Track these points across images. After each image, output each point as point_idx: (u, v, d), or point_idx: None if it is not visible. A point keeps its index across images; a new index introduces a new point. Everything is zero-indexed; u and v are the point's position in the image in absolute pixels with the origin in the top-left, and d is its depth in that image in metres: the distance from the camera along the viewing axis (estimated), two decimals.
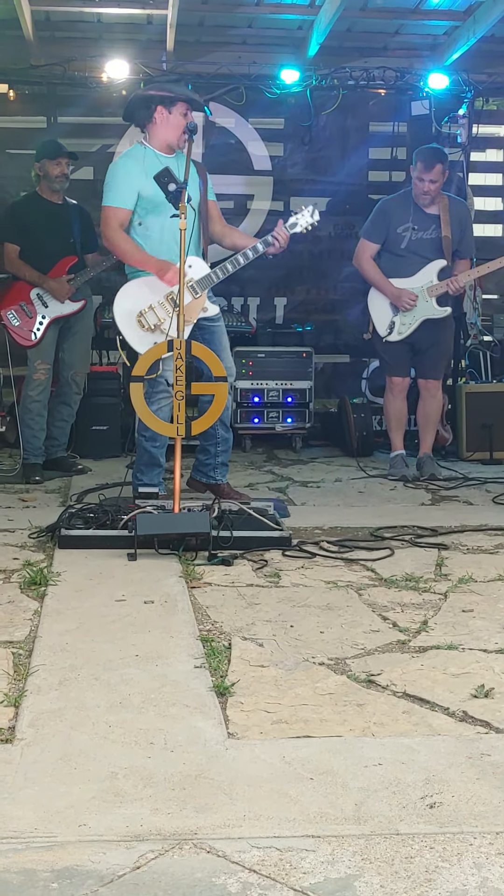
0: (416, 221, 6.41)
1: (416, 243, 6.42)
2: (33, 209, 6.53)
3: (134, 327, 5.26)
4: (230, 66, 7.58)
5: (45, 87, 7.60)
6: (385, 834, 2.33)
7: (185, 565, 4.49)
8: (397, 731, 2.87)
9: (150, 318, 5.24)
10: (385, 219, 6.50)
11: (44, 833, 2.33)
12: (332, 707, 3.02)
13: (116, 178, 5.36)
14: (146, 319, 5.24)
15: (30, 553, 4.70)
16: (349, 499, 6.00)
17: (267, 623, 3.76)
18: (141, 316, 5.25)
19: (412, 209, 6.43)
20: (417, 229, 6.41)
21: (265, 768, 2.64)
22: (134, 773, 2.60)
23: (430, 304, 6.41)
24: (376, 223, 6.54)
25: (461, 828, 2.36)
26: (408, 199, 6.47)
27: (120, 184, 5.33)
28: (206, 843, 2.29)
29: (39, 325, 6.46)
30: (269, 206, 7.97)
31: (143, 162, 5.30)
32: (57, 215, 6.54)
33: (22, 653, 3.44)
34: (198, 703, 3.04)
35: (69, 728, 2.86)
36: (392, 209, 6.51)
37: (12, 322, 6.47)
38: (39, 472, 6.47)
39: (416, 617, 3.85)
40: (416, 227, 6.41)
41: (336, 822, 2.38)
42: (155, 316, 5.24)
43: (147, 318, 5.24)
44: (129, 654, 3.42)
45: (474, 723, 2.93)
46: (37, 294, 6.48)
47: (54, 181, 6.50)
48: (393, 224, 6.45)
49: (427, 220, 6.41)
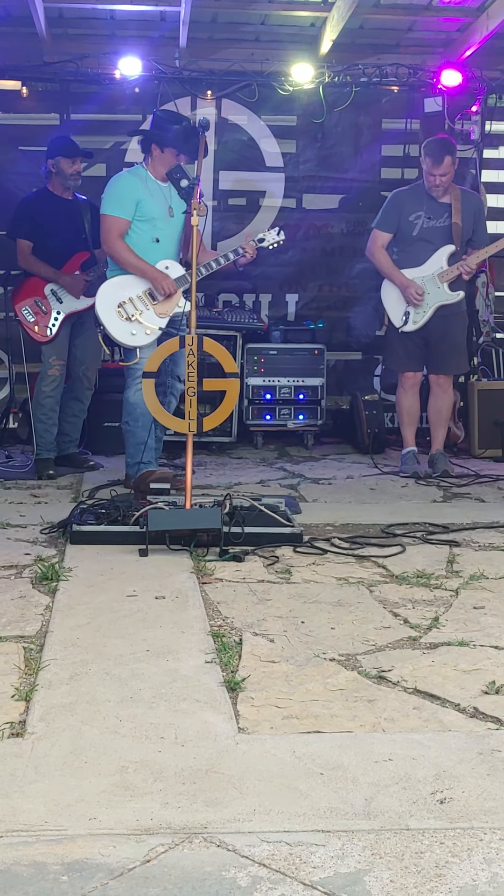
0: (429, 210, 6.42)
1: (428, 231, 6.43)
2: (46, 205, 6.54)
3: (113, 316, 5.63)
4: (243, 63, 7.57)
5: (57, 84, 7.60)
6: (395, 829, 2.33)
7: (196, 561, 4.49)
8: (408, 727, 2.87)
9: (128, 308, 5.62)
10: (397, 209, 6.51)
11: (54, 826, 2.33)
12: (343, 703, 3.02)
13: (120, 190, 5.73)
14: (125, 310, 5.61)
15: (41, 548, 4.70)
16: (361, 496, 5.99)
17: (278, 619, 3.76)
18: (120, 307, 5.61)
19: (425, 198, 6.44)
20: (430, 218, 6.42)
21: (275, 763, 2.64)
22: (144, 768, 2.60)
23: (442, 290, 6.40)
24: (388, 213, 6.55)
25: (471, 823, 2.35)
26: (420, 190, 6.49)
27: (122, 195, 5.70)
28: (216, 837, 2.29)
29: (55, 320, 6.47)
30: (281, 203, 7.95)
31: (145, 182, 5.73)
32: (68, 211, 6.55)
33: (33, 647, 3.44)
34: (208, 698, 3.04)
35: (80, 722, 2.86)
36: (404, 199, 6.52)
37: (27, 318, 6.48)
38: (52, 466, 6.48)
39: (427, 613, 3.84)
40: (428, 215, 6.42)
41: (346, 816, 2.38)
42: (133, 307, 5.61)
43: (126, 309, 5.62)
44: (140, 650, 3.42)
45: (485, 719, 2.92)
46: (51, 290, 6.49)
47: (68, 179, 6.52)
48: (405, 213, 6.46)
49: (439, 208, 6.42)
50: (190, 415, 4.95)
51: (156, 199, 5.70)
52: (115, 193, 5.71)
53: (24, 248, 6.53)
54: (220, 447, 7.41)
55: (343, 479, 6.50)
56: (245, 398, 7.43)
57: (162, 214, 5.70)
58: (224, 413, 5.26)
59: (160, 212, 5.70)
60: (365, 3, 7.00)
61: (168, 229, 5.73)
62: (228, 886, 2.11)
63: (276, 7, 7.35)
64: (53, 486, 6.19)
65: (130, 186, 5.70)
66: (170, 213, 5.69)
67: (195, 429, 4.98)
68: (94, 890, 2.09)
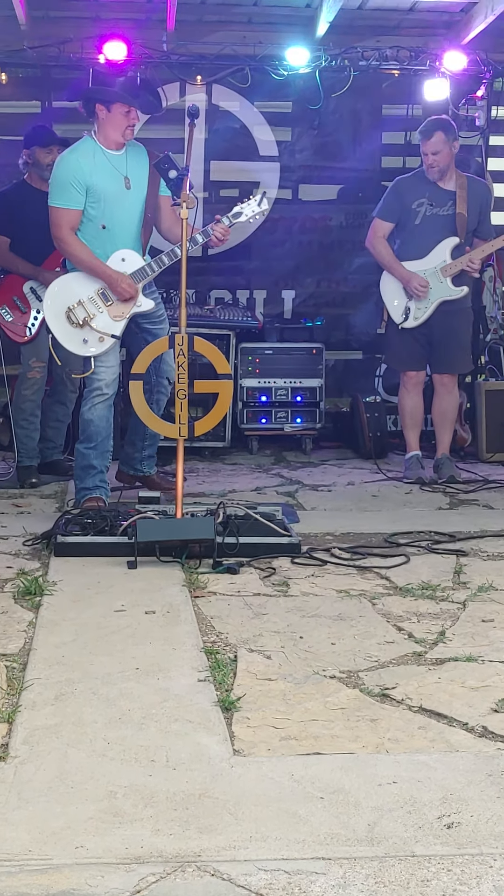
0: (432, 197, 6.43)
1: (431, 220, 6.43)
2: (23, 199, 6.53)
3: (62, 323, 5.36)
4: (234, 47, 7.58)
5: (38, 70, 7.61)
6: (400, 856, 2.33)
7: (188, 573, 4.50)
8: (413, 748, 2.87)
9: (78, 313, 5.34)
10: (398, 196, 6.53)
11: (38, 855, 2.33)
12: (344, 722, 3.03)
13: (65, 177, 5.40)
14: (75, 315, 5.34)
15: (24, 561, 4.70)
16: (362, 503, 6.00)
17: (275, 634, 3.76)
18: (70, 311, 5.35)
19: (427, 185, 6.45)
20: (433, 205, 6.43)
21: (273, 787, 2.64)
22: (134, 792, 2.60)
23: (444, 285, 6.41)
24: (389, 201, 6.57)
25: (480, 849, 2.36)
26: (422, 176, 6.51)
27: (67, 181, 5.37)
28: (210, 865, 2.29)
29: (34, 320, 6.47)
30: (276, 195, 7.94)
31: (93, 157, 5.40)
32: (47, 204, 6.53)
33: (16, 666, 3.44)
34: (202, 719, 3.04)
35: (66, 745, 2.86)
36: (406, 186, 6.54)
37: (5, 318, 6.48)
38: (35, 474, 6.48)
39: (433, 627, 3.85)
40: (431, 202, 6.43)
41: (348, 843, 2.38)
42: (84, 311, 5.34)
43: (76, 314, 5.34)
44: (129, 668, 3.42)
45: (495, 738, 2.93)
46: (30, 287, 6.49)
47: (45, 169, 6.50)
48: (407, 200, 6.47)
49: (443, 195, 6.43)
50: (181, 419, 4.95)
51: (107, 174, 5.38)
52: (59, 180, 5.39)
53: (2, 245, 6.53)
54: (213, 453, 7.42)
55: (343, 485, 6.51)
56: (239, 401, 7.44)
57: (116, 190, 5.38)
58: (217, 417, 5.27)
59: (114, 188, 5.37)
60: None
61: (124, 207, 5.41)
62: None
63: None
64: (37, 496, 6.19)
65: (74, 169, 5.36)
66: (126, 184, 5.39)
67: (186, 433, 4.99)
68: None
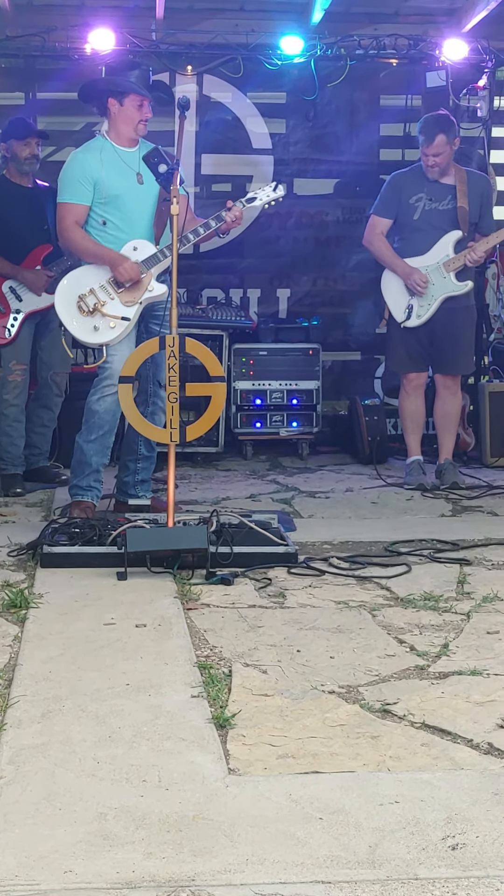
0: (430, 192, 6.44)
1: (430, 214, 6.44)
2: (1, 195, 6.55)
3: (73, 311, 5.40)
4: (226, 35, 7.59)
5: (22, 60, 7.63)
6: (403, 879, 2.33)
7: (180, 585, 4.50)
8: (415, 766, 2.87)
9: (89, 300, 5.39)
10: (395, 191, 6.54)
11: (25, 880, 2.33)
12: (344, 740, 3.03)
13: (72, 173, 5.48)
14: (85, 303, 5.39)
15: (9, 573, 4.70)
16: (361, 510, 6.00)
17: (271, 648, 3.76)
18: (80, 300, 5.39)
19: (425, 180, 6.46)
20: (432, 200, 6.44)
21: (270, 807, 2.64)
22: (125, 814, 2.60)
23: (448, 280, 6.41)
24: (386, 197, 6.58)
25: (487, 871, 2.36)
26: (420, 171, 6.52)
27: (75, 177, 5.45)
28: (204, 890, 2.29)
29: (14, 320, 6.48)
30: None
31: (101, 154, 5.46)
32: (28, 200, 6.57)
33: (1, 682, 3.44)
34: (195, 737, 3.04)
35: (53, 765, 2.86)
36: (403, 181, 6.55)
37: None
38: (20, 483, 6.48)
39: (435, 640, 3.85)
40: (430, 197, 6.44)
41: (348, 865, 2.38)
42: (95, 298, 5.38)
43: (87, 301, 5.39)
44: (118, 683, 3.42)
45: (500, 756, 2.93)
46: (9, 287, 6.51)
47: (23, 163, 6.54)
48: (405, 195, 6.48)
49: (442, 190, 6.44)
50: (172, 423, 4.95)
51: (118, 170, 5.43)
52: (68, 177, 5.48)
53: None
54: (206, 458, 7.43)
55: (342, 492, 6.52)
56: (233, 404, 7.45)
57: (128, 186, 5.43)
58: (209, 421, 5.26)
59: (125, 184, 5.43)
60: None
61: (137, 203, 5.45)
62: None
63: None
64: (22, 504, 6.19)
65: (84, 165, 5.45)
66: (139, 180, 5.43)
67: (178, 438, 4.99)
68: None
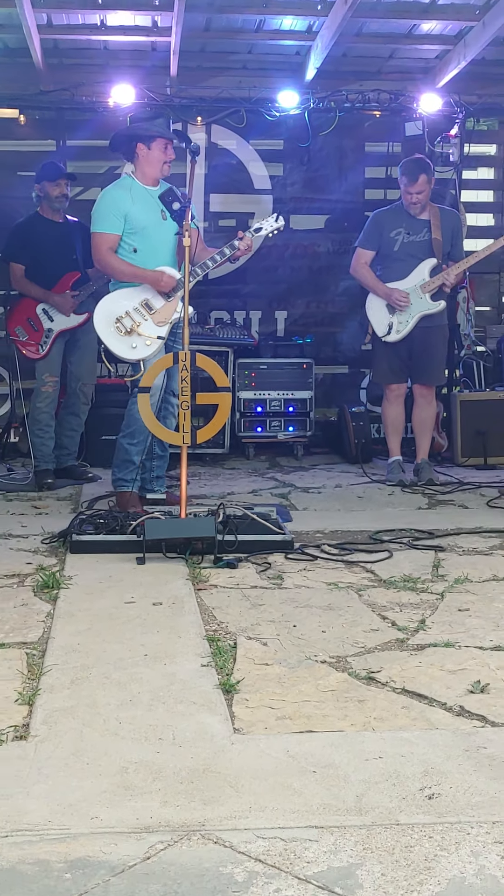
0: (408, 227, 6.46)
1: (409, 246, 6.46)
2: (36, 229, 6.57)
3: (112, 332, 5.38)
4: (231, 90, 7.60)
5: (53, 112, 7.63)
6: (385, 824, 2.33)
7: (191, 568, 4.49)
8: (396, 726, 2.87)
9: (126, 322, 5.37)
10: (377, 227, 6.55)
11: (57, 826, 2.33)
12: (334, 703, 3.02)
13: (106, 206, 5.49)
14: (123, 324, 5.36)
15: (42, 558, 4.70)
16: (349, 503, 6.00)
17: (271, 623, 3.75)
18: (118, 321, 5.37)
19: (404, 216, 6.48)
20: (409, 234, 6.45)
21: (270, 762, 2.64)
22: (144, 768, 2.60)
23: (424, 300, 6.43)
24: (369, 232, 6.59)
25: (459, 818, 2.35)
26: (400, 208, 6.54)
27: (108, 211, 5.46)
28: (213, 834, 2.29)
29: (46, 338, 6.50)
30: None
31: (130, 191, 5.48)
32: (59, 234, 6.58)
33: (35, 653, 3.44)
34: (205, 700, 3.03)
35: (81, 725, 2.86)
36: (384, 217, 6.57)
37: (20, 337, 6.52)
38: (50, 476, 6.48)
39: (414, 616, 3.85)
40: (408, 231, 6.45)
41: (338, 813, 2.38)
42: (131, 320, 5.36)
43: (124, 323, 5.36)
44: (138, 654, 3.42)
45: (471, 717, 2.92)
46: (42, 309, 6.52)
47: (54, 201, 6.56)
48: (385, 230, 6.50)
49: (418, 224, 6.46)
50: (184, 427, 4.95)
51: (145, 205, 5.44)
52: (102, 210, 5.47)
53: (17, 271, 6.57)
54: (214, 458, 7.42)
55: (332, 488, 6.51)
56: (237, 411, 7.44)
57: (154, 220, 5.41)
58: (217, 426, 5.26)
59: (151, 218, 5.41)
60: (347, 32, 7.04)
61: (161, 235, 5.42)
62: (226, 882, 2.11)
63: (263, 36, 7.39)
64: (54, 498, 6.18)
65: (116, 200, 5.45)
66: (163, 216, 5.42)
67: (189, 441, 4.99)
68: (97, 887, 2.09)
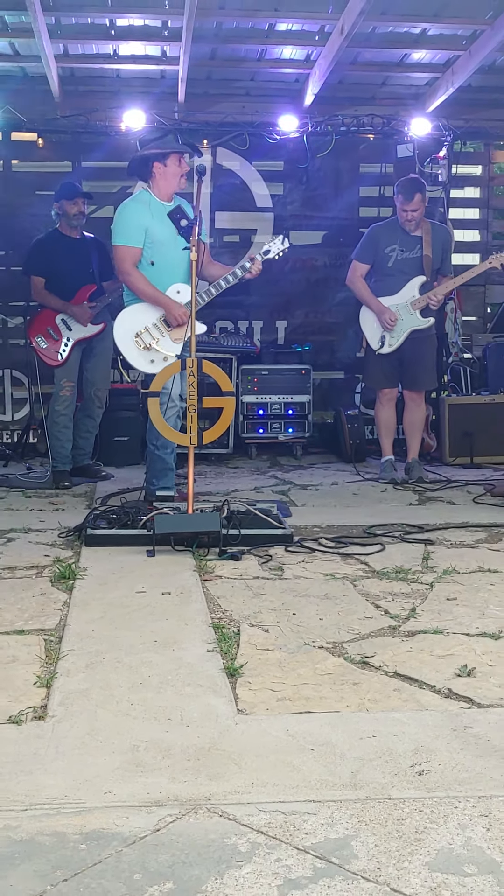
0: (403, 243, 6.44)
1: (402, 262, 6.44)
2: (55, 245, 6.57)
3: (131, 346, 5.35)
4: (235, 115, 7.60)
5: (70, 136, 7.63)
6: (379, 798, 2.33)
7: (198, 560, 4.49)
8: (389, 707, 2.87)
9: (145, 338, 5.34)
10: (373, 242, 6.53)
11: (73, 800, 2.33)
12: (331, 686, 3.02)
13: (127, 219, 5.41)
14: (142, 339, 5.34)
15: (59, 550, 4.70)
16: (344, 500, 5.99)
17: (272, 611, 3.75)
18: (138, 336, 5.34)
19: (399, 232, 6.46)
20: (403, 250, 6.44)
21: (271, 741, 2.63)
22: (153, 746, 2.60)
23: (414, 317, 6.42)
24: (365, 246, 6.57)
25: (447, 792, 2.35)
26: (395, 225, 6.51)
27: (130, 224, 5.39)
28: (218, 807, 2.29)
29: (65, 346, 6.50)
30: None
31: (149, 206, 5.42)
32: (76, 249, 6.58)
33: (53, 639, 3.44)
34: (210, 683, 3.03)
35: (95, 706, 2.86)
36: (380, 233, 6.54)
37: (41, 345, 6.52)
38: (67, 478, 6.48)
39: (405, 605, 3.84)
40: (402, 248, 6.44)
41: (334, 788, 2.38)
42: (150, 336, 5.34)
43: (143, 338, 5.34)
44: (148, 640, 3.42)
45: (458, 699, 2.92)
46: (61, 319, 6.52)
47: (72, 219, 6.56)
48: (381, 245, 6.48)
49: (412, 241, 6.44)
50: (191, 429, 4.95)
51: (162, 220, 5.33)
52: (123, 223, 5.39)
53: (38, 284, 6.57)
54: (219, 458, 7.42)
55: (328, 485, 6.50)
56: (240, 414, 7.44)
57: (170, 235, 5.27)
58: (222, 427, 5.25)
59: (167, 233, 5.29)
60: (343, 61, 7.04)
61: (176, 248, 5.26)
62: (230, 852, 2.11)
63: (264, 65, 7.40)
64: (69, 495, 6.18)
65: (136, 214, 5.37)
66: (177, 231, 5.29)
67: (196, 442, 4.98)
68: (110, 857, 2.09)
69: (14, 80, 7.46)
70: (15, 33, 6.73)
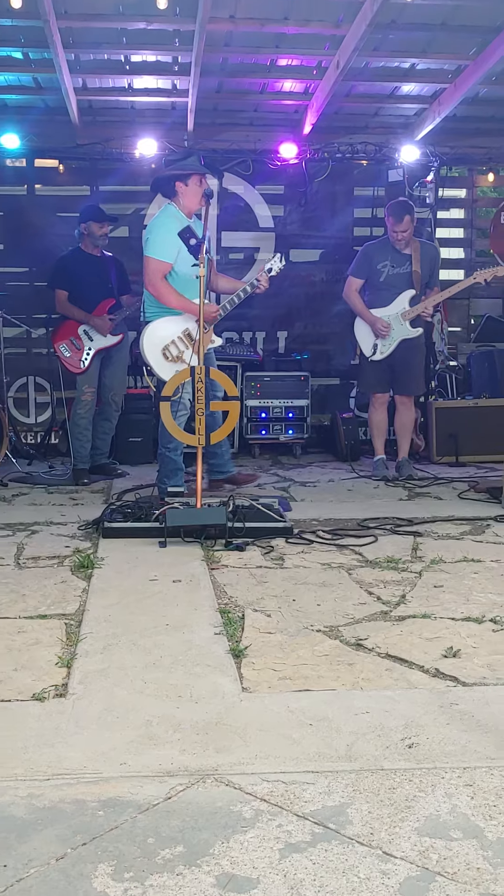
0: (393, 260, 6.44)
1: (393, 277, 6.44)
2: (78, 261, 6.57)
3: (160, 358, 5.30)
4: (240, 143, 7.60)
5: (88, 162, 7.63)
6: (372, 769, 2.33)
7: (206, 551, 4.49)
8: (381, 686, 2.86)
9: (172, 350, 5.30)
10: (367, 259, 6.52)
11: (91, 770, 2.33)
12: (328, 666, 3.02)
13: (164, 234, 5.27)
14: (169, 351, 5.30)
15: (79, 542, 4.70)
16: (340, 495, 5.98)
17: (273, 597, 3.75)
18: (165, 349, 5.30)
19: (390, 250, 6.45)
20: (394, 266, 6.43)
21: (273, 716, 2.63)
22: (165, 721, 2.60)
23: (404, 327, 6.42)
24: (360, 263, 6.57)
25: (435, 764, 2.35)
26: (386, 243, 6.50)
27: (166, 240, 5.26)
28: (224, 777, 2.29)
29: (87, 355, 6.50)
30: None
31: (179, 221, 5.34)
32: (97, 266, 6.58)
33: (73, 623, 3.44)
34: (217, 664, 3.03)
35: (112, 684, 2.86)
36: (373, 251, 6.53)
37: (64, 354, 6.51)
38: (87, 475, 6.48)
39: (396, 592, 3.84)
40: (393, 265, 6.43)
41: (331, 760, 2.38)
42: (176, 348, 5.30)
43: (170, 351, 5.30)
44: (160, 624, 3.42)
45: (445, 678, 2.92)
46: (83, 330, 6.52)
47: (98, 239, 6.56)
48: (374, 262, 6.47)
49: (402, 258, 6.43)
50: (199, 431, 4.95)
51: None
52: (161, 238, 5.24)
53: (61, 297, 6.56)
54: None
55: (326, 482, 6.49)
56: (244, 416, 7.43)
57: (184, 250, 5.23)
58: (228, 429, 5.25)
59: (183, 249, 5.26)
60: (339, 93, 7.04)
61: (187, 265, 5.24)
62: (235, 818, 2.10)
63: (267, 97, 7.40)
64: (88, 491, 6.18)
65: (173, 230, 5.23)
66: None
67: (204, 442, 4.98)
68: (125, 822, 2.09)
69: (37, 111, 7.46)
70: (38, 68, 6.74)
